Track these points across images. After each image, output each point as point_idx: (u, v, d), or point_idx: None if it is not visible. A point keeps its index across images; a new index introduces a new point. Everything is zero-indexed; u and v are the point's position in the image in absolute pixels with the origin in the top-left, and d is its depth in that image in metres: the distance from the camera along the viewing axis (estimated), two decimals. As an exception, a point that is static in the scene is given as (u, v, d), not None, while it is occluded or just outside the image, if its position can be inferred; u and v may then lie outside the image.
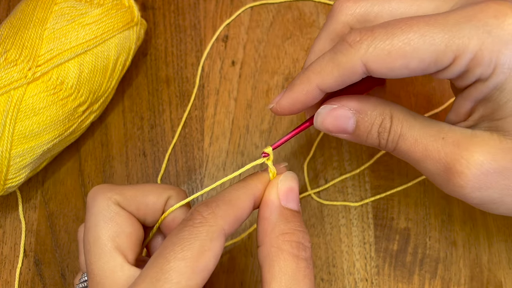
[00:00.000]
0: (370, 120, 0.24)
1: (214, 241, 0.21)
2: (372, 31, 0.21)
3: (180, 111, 0.40)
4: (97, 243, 0.23)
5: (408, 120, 0.24)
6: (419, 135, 0.23)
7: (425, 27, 0.21)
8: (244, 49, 0.41)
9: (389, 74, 0.22)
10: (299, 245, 0.22)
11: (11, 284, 0.36)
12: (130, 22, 0.36)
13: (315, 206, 0.36)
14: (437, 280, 0.34)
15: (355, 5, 0.24)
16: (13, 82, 0.32)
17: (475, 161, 0.22)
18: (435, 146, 0.23)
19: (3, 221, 0.38)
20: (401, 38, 0.21)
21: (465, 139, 0.23)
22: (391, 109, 0.24)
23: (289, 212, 0.23)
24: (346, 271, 0.35)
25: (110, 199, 0.24)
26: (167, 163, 0.39)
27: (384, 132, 0.24)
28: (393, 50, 0.21)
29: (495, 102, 0.22)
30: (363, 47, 0.21)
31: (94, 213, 0.24)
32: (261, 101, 0.39)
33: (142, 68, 0.41)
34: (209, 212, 0.22)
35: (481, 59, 0.20)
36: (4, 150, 0.32)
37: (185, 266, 0.20)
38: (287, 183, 0.24)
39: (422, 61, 0.21)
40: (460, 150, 0.22)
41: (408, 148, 0.24)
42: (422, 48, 0.20)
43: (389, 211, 0.36)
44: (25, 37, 0.33)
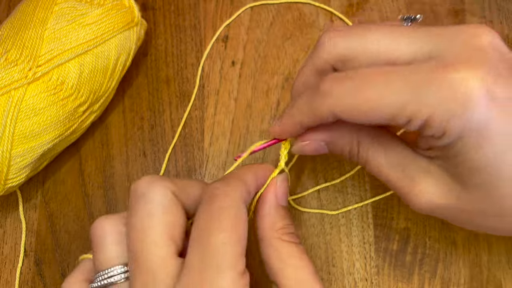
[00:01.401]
0: (339, 147, 0.28)
1: (240, 209, 0.23)
2: (342, 82, 0.24)
3: (180, 111, 0.40)
4: (152, 231, 0.23)
5: (373, 147, 0.27)
6: (381, 164, 0.27)
7: (386, 86, 0.23)
8: (244, 49, 0.41)
9: (355, 121, 0.24)
10: (294, 235, 0.26)
11: (11, 284, 0.36)
12: (130, 22, 0.36)
13: (315, 205, 0.37)
14: (437, 280, 0.34)
15: (335, 45, 0.26)
16: (13, 82, 0.32)
17: (425, 197, 0.25)
18: (394, 176, 0.26)
19: (3, 221, 0.38)
20: (364, 96, 0.23)
21: (419, 174, 0.26)
22: (358, 136, 0.27)
23: (283, 209, 0.27)
24: (346, 271, 0.35)
25: (167, 188, 0.24)
26: (167, 163, 0.39)
27: (353, 157, 0.28)
28: (356, 106, 0.23)
29: (447, 152, 0.24)
30: (332, 98, 0.24)
31: (150, 201, 0.24)
32: (261, 101, 0.39)
33: (142, 68, 0.41)
34: (225, 185, 0.24)
35: (431, 124, 0.22)
36: (5, 150, 0.32)
37: (229, 235, 0.22)
38: (284, 185, 0.28)
39: (380, 117, 0.23)
40: (414, 186, 0.26)
41: (374, 173, 0.27)
42: (380, 107, 0.23)
43: (389, 211, 0.36)
44: (25, 37, 0.33)
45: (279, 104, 0.39)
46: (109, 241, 0.25)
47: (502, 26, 0.40)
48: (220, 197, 0.23)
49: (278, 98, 0.39)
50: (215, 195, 0.24)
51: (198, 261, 0.22)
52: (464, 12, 0.41)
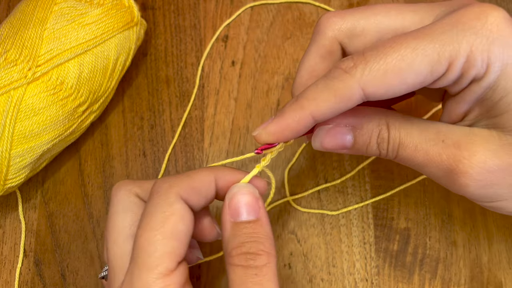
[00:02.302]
0: (367, 133, 0.25)
1: (173, 205, 0.23)
2: (364, 55, 0.22)
3: (180, 111, 0.40)
4: (115, 230, 0.25)
5: (405, 126, 0.24)
6: (418, 141, 0.24)
7: (415, 41, 0.21)
8: (244, 49, 0.41)
9: (387, 94, 0.22)
10: (246, 255, 0.23)
11: (11, 284, 0.36)
12: (130, 22, 0.36)
13: (315, 206, 0.36)
14: (437, 280, 0.34)
15: (341, 20, 0.24)
16: (13, 82, 0.32)
17: (477, 160, 0.22)
18: (435, 150, 0.23)
19: (3, 221, 0.38)
20: (394, 56, 0.21)
21: (464, 138, 0.23)
22: (387, 118, 0.24)
23: (236, 226, 0.24)
24: (346, 271, 0.35)
25: (129, 191, 0.26)
26: (167, 163, 0.39)
27: (383, 143, 0.24)
28: (389, 68, 0.21)
29: (489, 100, 0.22)
30: (359, 71, 0.21)
31: (114, 203, 0.26)
32: (261, 101, 0.39)
33: (142, 68, 0.41)
34: (163, 182, 0.24)
35: (473, 61, 0.21)
36: (4, 150, 0.32)
37: (154, 235, 0.22)
38: (235, 198, 0.24)
39: (419, 74, 0.21)
40: (461, 151, 0.22)
41: (409, 155, 0.24)
42: (416, 61, 0.21)
43: (389, 211, 0.36)
44: (25, 37, 0.33)
45: (279, 104, 0.39)
46: None
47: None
48: (153, 195, 0.23)
49: (278, 98, 0.39)
50: (152, 191, 0.24)
51: (130, 265, 0.22)
52: (465, 12, 0.40)
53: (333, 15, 0.25)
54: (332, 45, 0.25)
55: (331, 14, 0.25)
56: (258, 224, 0.24)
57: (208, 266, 0.35)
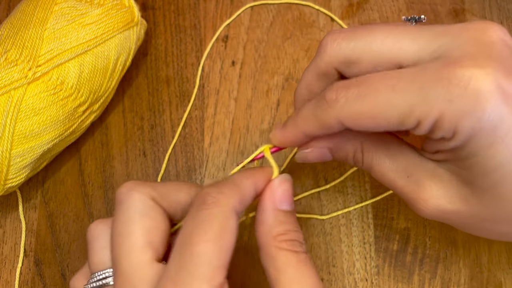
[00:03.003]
0: (343, 153, 0.27)
1: (229, 219, 0.22)
2: (347, 90, 0.23)
3: (180, 111, 0.40)
4: (130, 237, 0.23)
5: (377, 152, 0.26)
6: (386, 170, 0.26)
7: (393, 90, 0.22)
8: (244, 49, 0.41)
9: (361, 129, 0.24)
10: (295, 242, 0.24)
11: (11, 284, 0.36)
12: (130, 22, 0.36)
13: (315, 206, 0.36)
14: (437, 280, 0.34)
15: (339, 47, 0.25)
16: (13, 82, 0.32)
17: (432, 202, 0.25)
18: (399, 183, 0.26)
19: (3, 221, 0.38)
20: (370, 101, 0.22)
21: (426, 179, 0.25)
22: (363, 141, 0.27)
23: (282, 213, 0.25)
24: (346, 271, 0.35)
25: (145, 194, 0.24)
26: (167, 163, 0.39)
27: (357, 163, 0.27)
28: (363, 112, 0.23)
29: (456, 154, 0.23)
30: (338, 106, 0.23)
31: (128, 207, 0.24)
32: (261, 101, 0.39)
33: (142, 68, 0.41)
34: (218, 192, 0.23)
35: (441, 125, 0.22)
36: (4, 150, 0.32)
37: (213, 246, 0.21)
38: (282, 187, 0.26)
39: (389, 123, 0.22)
40: (420, 190, 0.25)
41: (378, 179, 0.27)
42: (388, 112, 0.22)
43: (389, 211, 0.36)
44: (25, 37, 0.33)
45: (279, 104, 0.39)
46: (101, 245, 0.26)
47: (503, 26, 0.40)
48: (209, 204, 0.23)
49: (278, 98, 0.39)
50: (204, 201, 0.23)
51: (175, 270, 0.21)
52: (464, 12, 0.41)
53: (332, 40, 0.26)
54: (327, 69, 0.26)
55: (330, 39, 0.26)
56: (294, 215, 0.25)
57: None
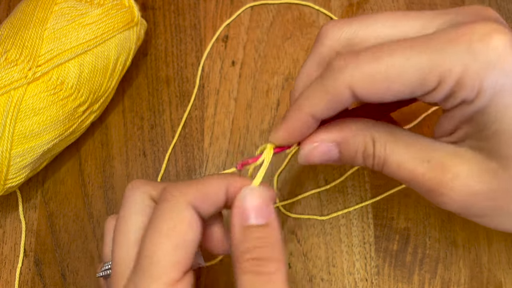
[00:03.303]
0: (352, 148, 0.25)
1: (182, 212, 0.22)
2: (357, 56, 0.21)
3: (180, 111, 0.40)
4: (125, 232, 0.24)
5: (390, 142, 0.24)
6: (402, 159, 0.23)
7: (410, 51, 0.20)
8: (244, 49, 0.41)
9: (374, 98, 0.21)
10: (258, 261, 0.22)
11: (11, 284, 0.36)
12: (130, 22, 0.36)
13: (315, 206, 0.36)
14: (437, 280, 0.34)
15: (339, 30, 0.24)
16: (13, 82, 0.32)
17: (460, 183, 0.22)
18: (419, 170, 0.23)
19: (3, 221, 0.38)
20: (386, 61, 0.20)
21: (449, 159, 0.23)
22: (372, 133, 0.24)
23: (247, 229, 0.23)
24: (346, 271, 0.35)
25: (145, 193, 0.25)
26: (167, 163, 0.39)
27: (368, 158, 0.25)
28: (377, 73, 0.21)
29: (478, 123, 0.22)
30: (348, 70, 0.21)
31: (129, 204, 0.25)
32: (261, 101, 0.39)
33: (142, 68, 0.41)
34: (175, 189, 0.23)
35: (464, 84, 0.20)
36: (4, 150, 0.32)
37: (165, 242, 0.21)
38: (244, 201, 0.24)
39: (406, 84, 0.21)
40: (444, 173, 0.22)
41: (394, 172, 0.24)
42: (406, 71, 0.20)
43: (389, 211, 0.36)
44: (25, 37, 0.33)
45: (279, 104, 0.39)
46: (109, 239, 0.27)
47: (502, 26, 0.40)
48: (163, 200, 0.23)
49: (278, 98, 0.39)
50: (161, 197, 0.23)
51: (134, 271, 0.22)
52: (464, 12, 0.41)
53: (332, 25, 0.25)
54: (329, 54, 0.25)
55: (330, 24, 0.25)
56: (268, 229, 0.23)
57: (208, 267, 0.35)
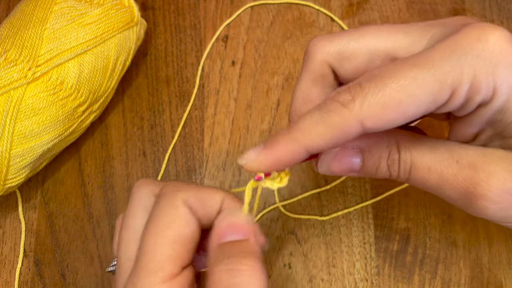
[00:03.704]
0: (376, 155, 0.23)
1: (178, 209, 0.22)
2: (361, 86, 0.20)
3: (180, 111, 0.40)
4: (129, 229, 0.24)
5: (416, 146, 0.23)
6: (431, 162, 0.22)
7: (414, 69, 0.20)
8: (244, 49, 0.41)
9: (387, 126, 0.21)
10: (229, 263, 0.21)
11: (11, 284, 0.36)
12: (130, 22, 0.36)
13: (315, 206, 0.36)
14: (437, 280, 0.34)
15: (329, 43, 0.24)
16: (13, 82, 0.32)
17: (496, 182, 0.21)
18: (450, 171, 0.22)
19: (3, 221, 0.38)
20: (393, 86, 0.20)
21: (480, 159, 0.22)
22: (396, 139, 0.23)
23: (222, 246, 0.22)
24: (346, 271, 0.35)
25: (151, 191, 0.24)
26: (167, 163, 0.39)
27: (393, 164, 0.23)
28: (388, 100, 0.20)
29: (500, 123, 0.21)
30: (357, 105, 0.20)
31: (134, 202, 0.24)
32: (261, 101, 0.39)
33: (142, 68, 0.41)
34: (174, 186, 0.23)
35: (478, 86, 0.20)
36: (4, 150, 0.32)
37: (159, 238, 0.21)
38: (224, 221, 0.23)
39: (420, 105, 0.20)
40: (477, 172, 0.21)
41: (422, 177, 0.23)
42: (417, 92, 0.19)
43: (389, 211, 0.36)
44: (25, 37, 0.33)
45: (279, 104, 0.39)
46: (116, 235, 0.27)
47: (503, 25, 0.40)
48: (160, 197, 0.23)
49: (278, 98, 0.39)
50: (159, 195, 0.23)
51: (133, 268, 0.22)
52: (465, 11, 0.40)
53: (321, 39, 0.24)
54: (322, 69, 0.24)
55: (319, 38, 0.24)
56: (244, 244, 0.22)
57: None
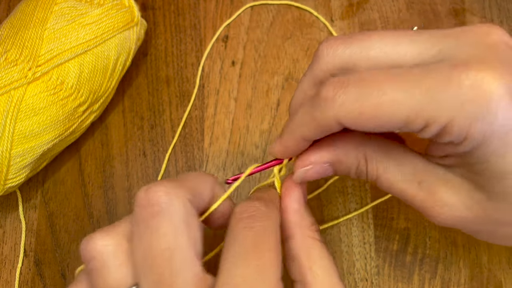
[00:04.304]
0: (345, 166, 0.26)
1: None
2: (346, 87, 0.21)
3: (180, 111, 0.40)
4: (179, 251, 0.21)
5: (382, 161, 0.25)
6: (394, 179, 0.25)
7: (398, 89, 0.20)
8: (244, 49, 0.41)
9: (361, 129, 0.22)
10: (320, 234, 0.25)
11: (11, 284, 0.36)
12: (130, 22, 0.36)
13: (314, 206, 0.36)
14: (437, 280, 0.34)
15: (335, 51, 0.24)
16: (13, 82, 0.32)
17: (448, 210, 0.23)
18: (410, 191, 0.24)
19: (3, 221, 0.38)
20: (373, 99, 0.21)
21: (439, 185, 0.24)
22: (365, 151, 0.25)
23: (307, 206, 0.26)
24: (346, 271, 0.35)
25: (186, 200, 0.22)
26: (167, 163, 0.39)
27: (361, 175, 0.26)
28: (364, 111, 0.21)
29: (467, 159, 0.22)
30: (336, 104, 0.21)
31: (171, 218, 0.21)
32: (261, 101, 0.39)
33: (142, 68, 0.41)
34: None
35: (451, 130, 0.20)
36: (4, 150, 0.32)
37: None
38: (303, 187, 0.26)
39: (393, 124, 0.21)
40: (434, 198, 0.24)
41: (386, 189, 0.25)
42: (392, 113, 0.20)
43: (389, 211, 0.36)
44: (25, 37, 0.33)
45: (279, 104, 0.39)
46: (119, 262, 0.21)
47: (503, 25, 0.40)
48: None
49: (278, 98, 0.39)
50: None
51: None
52: (464, 11, 0.40)
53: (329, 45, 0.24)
54: (325, 75, 0.25)
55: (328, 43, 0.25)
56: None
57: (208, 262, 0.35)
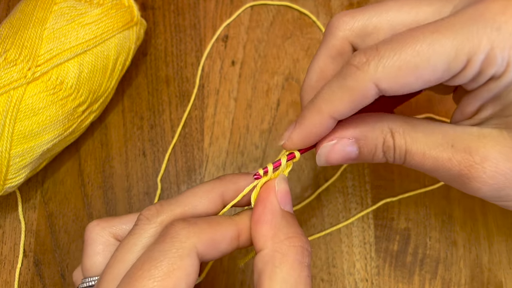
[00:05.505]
0: (371, 142, 0.24)
1: (184, 259, 0.20)
2: (377, 50, 0.21)
3: (180, 111, 0.40)
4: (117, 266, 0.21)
5: (409, 132, 0.23)
6: (426, 147, 0.23)
7: (432, 35, 0.20)
8: (244, 49, 0.41)
9: (402, 90, 0.21)
10: (304, 250, 0.21)
11: (10, 284, 0.36)
12: (130, 22, 0.36)
13: (315, 206, 0.36)
14: (437, 280, 0.34)
15: (352, 19, 0.23)
16: (12, 82, 0.32)
17: (490, 164, 0.22)
18: (445, 156, 0.22)
19: (2, 221, 0.38)
20: (409, 51, 0.20)
21: (474, 142, 0.22)
22: (390, 125, 0.24)
23: (289, 215, 0.22)
24: (346, 271, 0.35)
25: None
26: (167, 163, 0.38)
27: (389, 151, 0.24)
28: (403, 64, 0.20)
29: (505, 99, 0.21)
30: (372, 67, 0.20)
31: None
32: (261, 101, 0.39)
33: (142, 68, 0.41)
34: (183, 227, 0.21)
35: (493, 59, 0.20)
36: (4, 150, 0.32)
37: (153, 286, 0.19)
38: (284, 186, 0.23)
39: (435, 70, 0.20)
40: (472, 155, 0.22)
41: (418, 161, 0.23)
42: (433, 57, 0.20)
43: (389, 211, 0.36)
44: (24, 37, 0.33)
45: (279, 104, 0.39)
46: (95, 250, 0.25)
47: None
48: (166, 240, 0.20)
49: (278, 98, 0.39)
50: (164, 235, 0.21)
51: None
52: (465, 11, 0.40)
53: (343, 15, 0.24)
54: (342, 45, 0.24)
55: (342, 14, 0.24)
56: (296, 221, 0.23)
57: (208, 266, 0.35)
